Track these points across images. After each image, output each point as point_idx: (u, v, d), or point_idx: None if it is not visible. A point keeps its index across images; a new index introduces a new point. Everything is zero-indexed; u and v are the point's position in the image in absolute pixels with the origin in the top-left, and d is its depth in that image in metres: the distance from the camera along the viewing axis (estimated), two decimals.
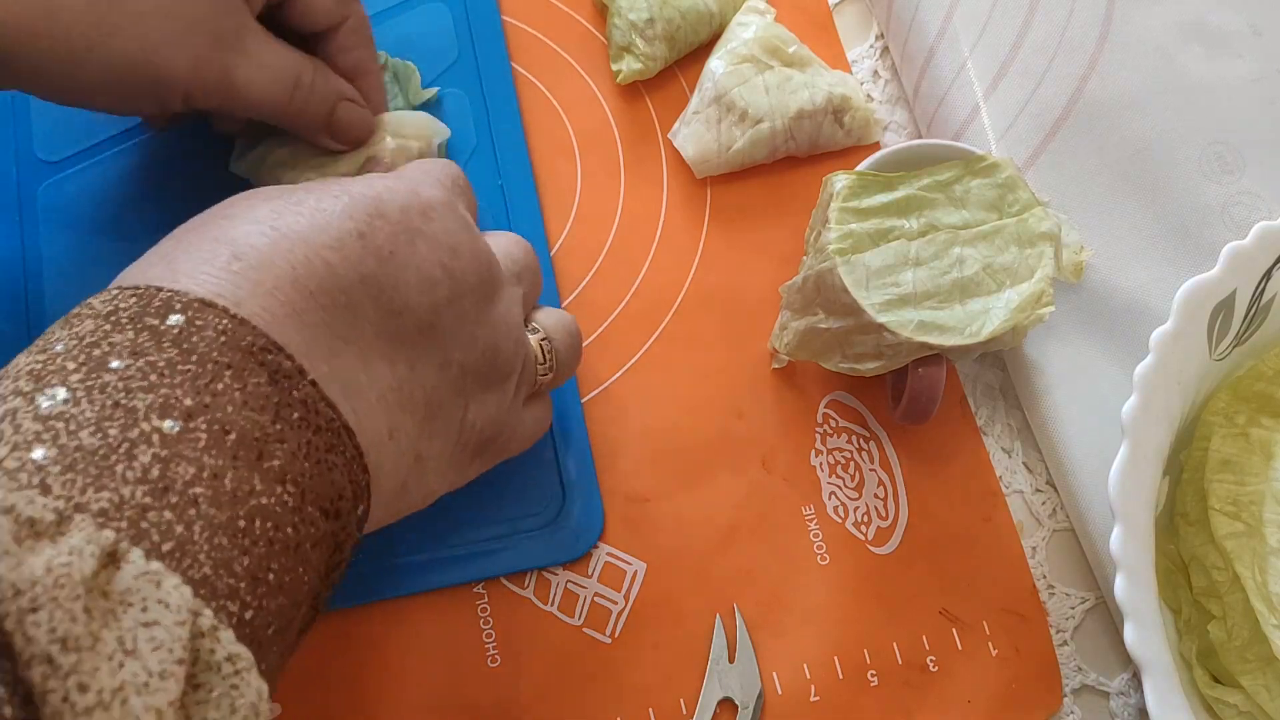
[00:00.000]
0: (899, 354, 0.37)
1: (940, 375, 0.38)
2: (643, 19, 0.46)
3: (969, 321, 0.37)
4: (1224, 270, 0.38)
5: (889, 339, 0.37)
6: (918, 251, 0.37)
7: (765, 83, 0.45)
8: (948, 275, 0.37)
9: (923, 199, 0.39)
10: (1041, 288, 0.37)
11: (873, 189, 0.38)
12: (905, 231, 0.38)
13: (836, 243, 0.37)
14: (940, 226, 0.38)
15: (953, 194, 0.39)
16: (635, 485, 0.42)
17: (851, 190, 0.38)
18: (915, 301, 0.37)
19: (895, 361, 0.38)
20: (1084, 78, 0.45)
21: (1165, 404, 0.37)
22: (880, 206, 0.38)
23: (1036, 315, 0.37)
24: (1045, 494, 0.43)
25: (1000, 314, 0.37)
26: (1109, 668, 0.41)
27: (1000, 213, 0.39)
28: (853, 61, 0.49)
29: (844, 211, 0.38)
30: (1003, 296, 0.37)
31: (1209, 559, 0.38)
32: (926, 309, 0.37)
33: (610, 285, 0.44)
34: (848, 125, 0.46)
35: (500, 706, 0.39)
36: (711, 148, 0.45)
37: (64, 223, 0.44)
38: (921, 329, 0.37)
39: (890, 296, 0.37)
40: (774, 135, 0.45)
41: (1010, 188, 0.39)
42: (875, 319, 0.36)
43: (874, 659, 0.40)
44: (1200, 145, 0.44)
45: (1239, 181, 0.44)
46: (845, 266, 0.37)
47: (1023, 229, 0.38)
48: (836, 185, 0.38)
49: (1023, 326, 0.37)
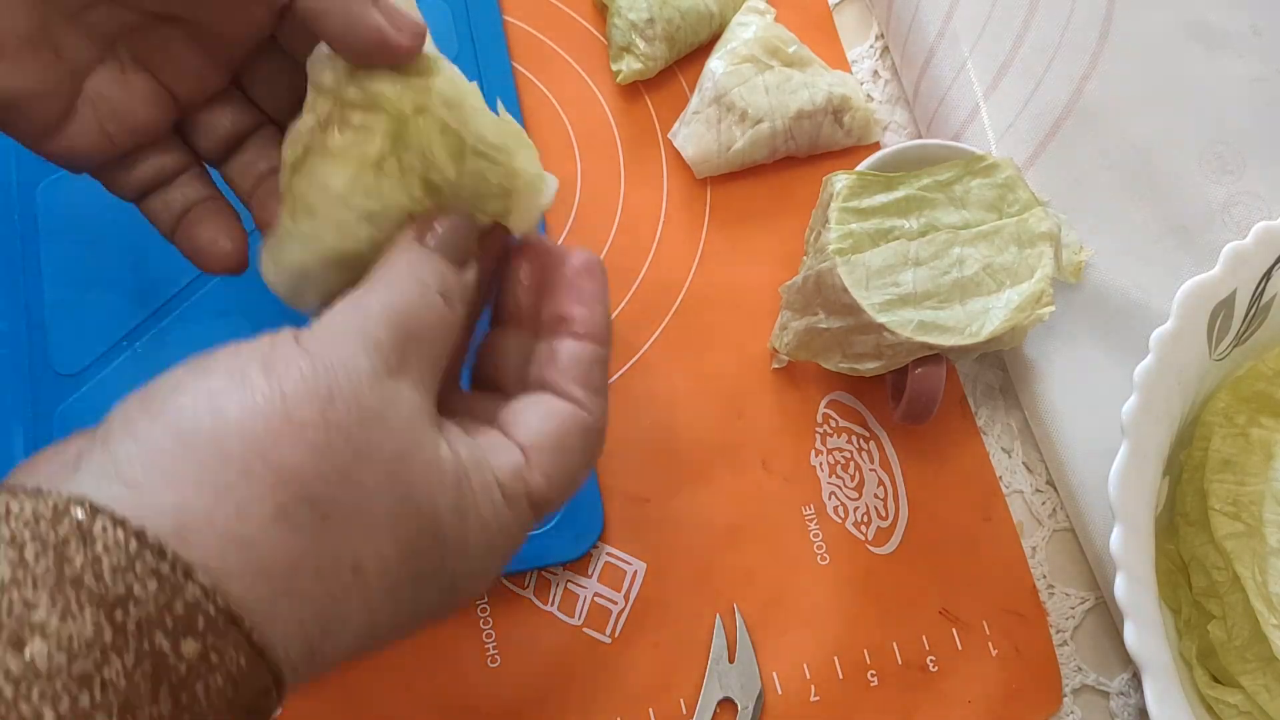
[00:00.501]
0: (899, 354, 0.37)
1: (940, 375, 0.38)
2: (643, 19, 0.46)
3: (969, 321, 0.37)
4: (1224, 270, 0.38)
5: (889, 339, 0.37)
6: (918, 251, 0.37)
7: (765, 83, 0.45)
8: (948, 275, 0.37)
9: (923, 199, 0.38)
10: (1041, 287, 0.37)
11: (873, 189, 0.38)
12: (905, 231, 0.38)
13: (837, 242, 0.37)
14: (940, 226, 0.38)
15: (953, 194, 0.39)
16: (635, 485, 0.41)
17: (852, 190, 0.38)
18: (915, 301, 0.37)
19: (895, 362, 0.38)
20: (1084, 78, 0.45)
21: (1165, 404, 0.37)
22: (880, 206, 0.38)
23: (1036, 315, 0.37)
24: (1045, 494, 0.43)
25: (1000, 314, 0.37)
26: (1109, 668, 0.41)
27: (1000, 213, 0.39)
28: (853, 61, 0.49)
29: (844, 211, 0.38)
30: (1003, 296, 0.37)
31: (1209, 559, 0.38)
32: (927, 309, 0.37)
33: (610, 285, 0.44)
34: (848, 125, 0.46)
35: (500, 706, 0.39)
36: (711, 148, 0.45)
37: (63, 222, 0.43)
38: (921, 329, 0.36)
39: (890, 296, 0.37)
40: (774, 135, 0.45)
41: (1010, 188, 0.39)
42: (875, 319, 0.36)
43: (874, 659, 0.40)
44: (1201, 145, 0.44)
45: (1239, 181, 0.44)
46: (845, 266, 0.37)
47: (1023, 229, 0.38)
48: (837, 185, 0.38)
49: (1022, 326, 0.37)
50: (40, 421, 0.41)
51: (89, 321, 0.42)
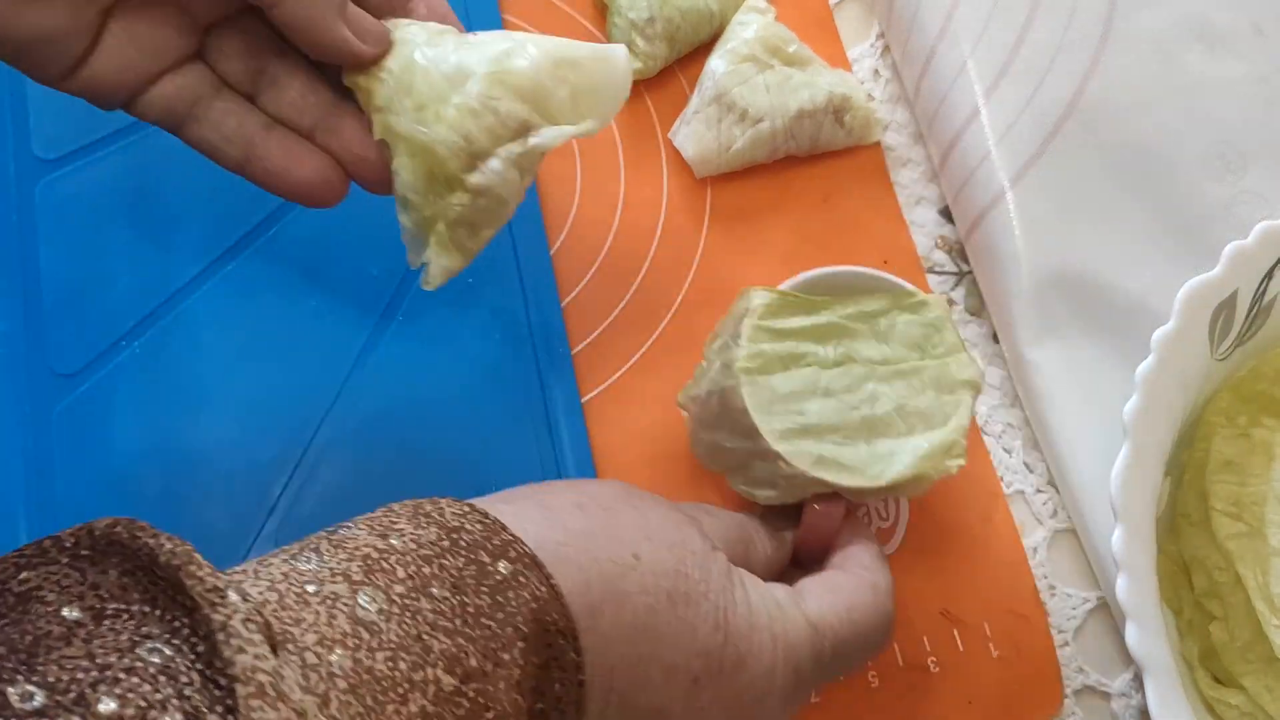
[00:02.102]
0: (793, 487, 0.35)
1: (837, 515, 0.36)
2: (643, 18, 0.46)
3: (872, 463, 0.35)
4: (1226, 270, 0.38)
5: (784, 469, 0.34)
6: (829, 382, 0.35)
7: (766, 82, 0.44)
8: (857, 411, 0.35)
9: (844, 328, 0.36)
10: (954, 438, 0.35)
11: (793, 310, 0.36)
12: (820, 359, 0.36)
13: (745, 361, 0.35)
14: (858, 359, 0.36)
15: (877, 327, 0.37)
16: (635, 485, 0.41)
17: (770, 309, 0.36)
18: (818, 434, 0.35)
19: (790, 495, 0.35)
20: (1085, 77, 0.45)
21: (1167, 404, 0.37)
22: (798, 330, 0.36)
23: (944, 467, 0.35)
24: (1046, 494, 0.43)
25: (906, 460, 0.35)
26: (1110, 668, 0.41)
27: (924, 353, 0.36)
28: (853, 60, 0.49)
29: (758, 330, 0.35)
30: (912, 441, 0.35)
31: (1211, 560, 0.38)
32: (829, 443, 0.35)
33: (610, 285, 0.44)
34: (848, 125, 0.46)
35: None
36: (712, 147, 0.45)
37: (62, 221, 0.43)
38: (820, 464, 0.34)
39: (792, 425, 0.34)
40: (774, 135, 0.45)
41: (937, 328, 0.37)
42: (772, 446, 0.34)
43: (874, 660, 0.40)
44: (1203, 145, 0.44)
45: (1241, 181, 0.44)
46: (750, 386, 0.34)
47: (943, 373, 0.36)
48: (754, 301, 0.36)
49: (928, 477, 0.35)
50: (39, 421, 0.41)
51: (87, 321, 0.42)
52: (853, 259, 0.45)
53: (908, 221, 0.46)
